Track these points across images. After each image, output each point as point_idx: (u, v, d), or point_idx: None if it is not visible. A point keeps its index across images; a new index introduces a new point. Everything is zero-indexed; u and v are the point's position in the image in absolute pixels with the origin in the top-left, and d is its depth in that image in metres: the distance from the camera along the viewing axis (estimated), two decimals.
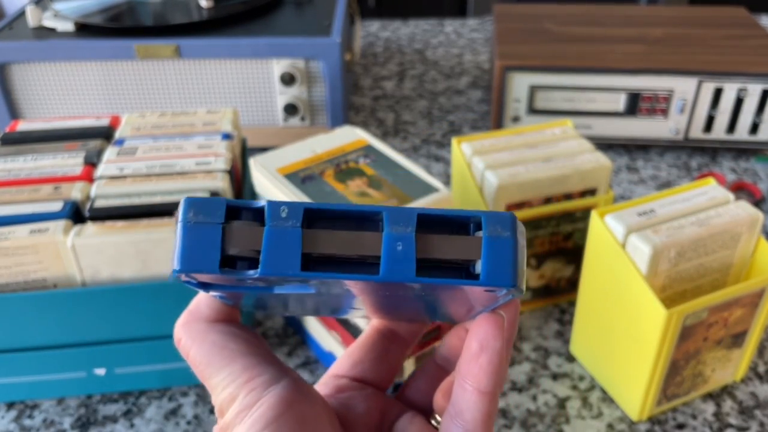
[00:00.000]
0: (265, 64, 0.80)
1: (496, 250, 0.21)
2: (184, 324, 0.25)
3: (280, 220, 0.20)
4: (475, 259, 0.21)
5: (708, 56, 0.82)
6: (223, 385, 0.24)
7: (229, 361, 0.24)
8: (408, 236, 0.20)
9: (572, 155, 0.59)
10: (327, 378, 0.30)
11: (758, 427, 0.52)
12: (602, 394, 0.55)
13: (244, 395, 0.23)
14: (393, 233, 0.20)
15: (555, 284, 0.63)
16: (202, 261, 0.20)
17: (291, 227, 0.20)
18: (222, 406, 0.24)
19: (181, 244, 0.20)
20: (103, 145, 0.59)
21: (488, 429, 0.24)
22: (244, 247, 0.20)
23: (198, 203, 0.20)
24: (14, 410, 0.55)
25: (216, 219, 0.20)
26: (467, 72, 1.10)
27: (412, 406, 0.30)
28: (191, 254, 0.20)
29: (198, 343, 0.25)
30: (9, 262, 0.48)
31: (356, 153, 0.56)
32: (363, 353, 0.30)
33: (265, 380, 0.23)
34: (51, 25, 0.82)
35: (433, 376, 0.30)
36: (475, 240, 0.21)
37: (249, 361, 0.24)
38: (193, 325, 0.25)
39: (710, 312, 0.48)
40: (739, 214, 0.50)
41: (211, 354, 0.24)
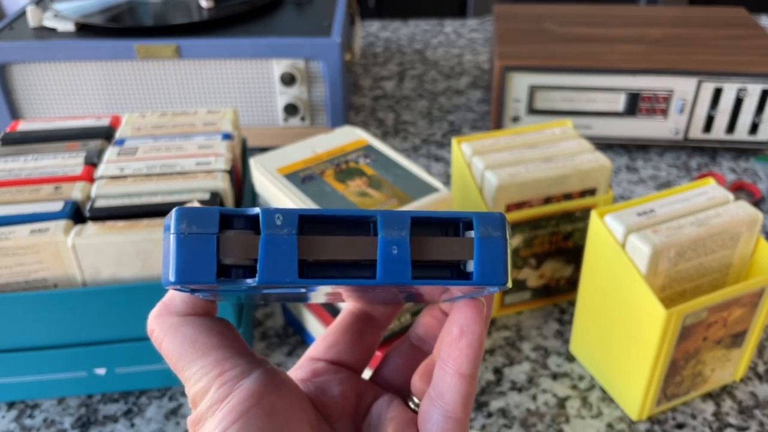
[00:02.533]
0: (266, 64, 0.81)
1: (488, 249, 0.21)
2: (157, 316, 0.25)
3: (275, 227, 0.20)
4: (467, 259, 0.21)
5: (708, 56, 0.82)
6: (196, 378, 0.24)
7: (201, 355, 0.24)
8: (402, 240, 0.21)
9: (572, 155, 0.59)
10: (303, 361, 0.30)
11: (758, 426, 0.52)
12: (602, 393, 0.55)
13: (216, 389, 0.24)
14: (388, 237, 0.21)
15: (555, 284, 0.64)
16: (198, 272, 0.19)
17: (287, 234, 0.20)
18: (195, 398, 0.24)
19: (176, 256, 0.19)
20: (103, 145, 0.59)
21: (467, 410, 0.25)
22: (239, 256, 0.20)
23: (191, 214, 0.20)
24: (15, 410, 0.55)
25: (210, 229, 0.20)
26: (467, 72, 1.10)
27: (388, 387, 0.30)
28: (187, 266, 0.19)
29: (170, 335, 0.25)
30: (9, 262, 0.49)
31: (356, 153, 0.56)
32: (338, 335, 0.30)
33: (236, 374, 0.24)
34: (51, 25, 0.82)
35: (408, 355, 0.30)
36: (467, 241, 0.21)
37: (221, 355, 0.24)
38: (166, 318, 0.25)
39: (710, 312, 0.48)
40: (738, 214, 0.50)
41: (183, 347, 0.24)
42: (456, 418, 0.25)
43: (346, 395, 0.28)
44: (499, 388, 0.56)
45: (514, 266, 0.61)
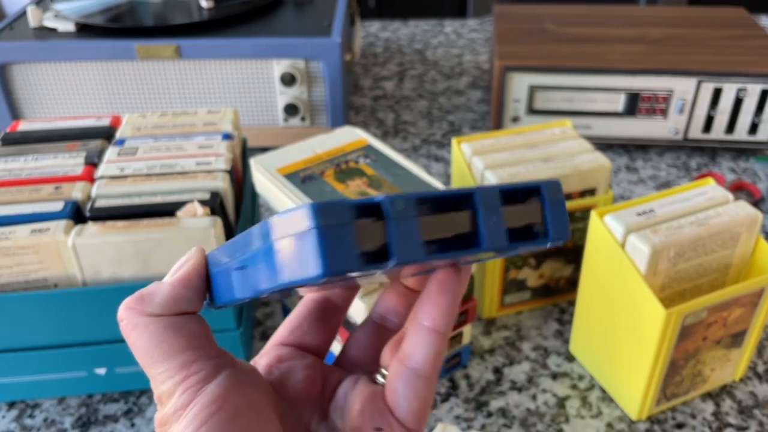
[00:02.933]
0: (266, 64, 0.81)
1: (557, 211, 0.25)
2: (129, 308, 0.25)
3: (399, 212, 0.21)
4: (540, 221, 0.25)
5: (707, 56, 0.82)
6: (161, 380, 0.24)
7: (167, 357, 0.24)
8: (498, 211, 0.23)
9: (572, 155, 0.59)
10: (268, 347, 0.30)
11: (757, 426, 0.52)
12: (602, 393, 0.55)
13: (180, 394, 0.24)
14: (485, 210, 0.23)
15: (554, 284, 0.64)
16: (343, 262, 0.20)
17: (411, 217, 0.22)
18: (161, 397, 0.25)
19: (321, 249, 0.20)
20: (103, 145, 0.59)
21: (436, 370, 0.26)
22: (374, 243, 0.21)
23: (327, 208, 0.20)
24: (15, 410, 0.55)
25: (346, 220, 0.21)
26: (467, 72, 1.10)
27: (354, 366, 0.31)
28: (333, 257, 0.20)
29: (138, 331, 0.25)
30: (10, 262, 0.49)
31: (356, 153, 0.56)
32: (301, 319, 0.31)
33: (200, 378, 0.24)
34: (52, 25, 0.82)
35: (371, 333, 0.31)
36: (537, 206, 0.25)
37: (187, 358, 0.25)
38: (138, 313, 0.25)
39: (709, 312, 0.48)
40: (738, 214, 0.50)
41: (150, 346, 0.25)
42: (426, 377, 0.26)
43: (311, 380, 0.29)
44: (498, 388, 0.56)
45: (514, 266, 0.61)
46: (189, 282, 0.26)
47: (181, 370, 0.24)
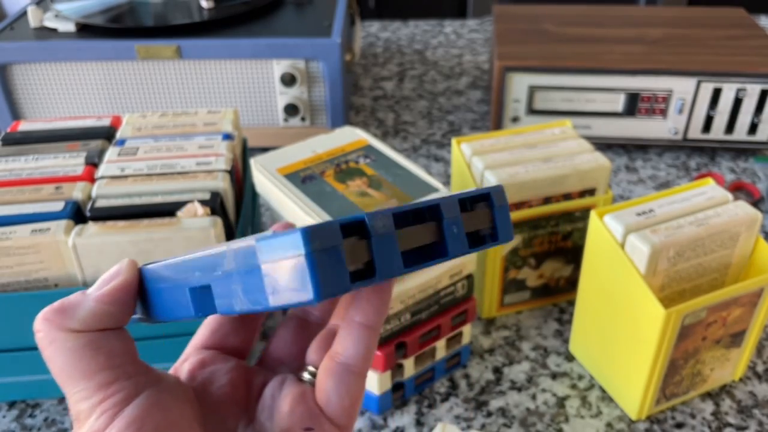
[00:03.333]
0: (266, 64, 0.81)
1: (504, 215, 0.26)
2: (47, 321, 0.24)
3: (379, 229, 0.22)
4: (489, 226, 0.26)
5: (707, 56, 0.82)
6: (76, 399, 0.24)
7: (84, 376, 0.23)
8: (459, 220, 0.24)
9: (571, 155, 0.59)
10: (190, 350, 0.30)
11: (757, 426, 0.53)
12: (601, 393, 0.56)
13: (97, 417, 0.23)
14: (448, 220, 0.24)
15: (554, 284, 0.64)
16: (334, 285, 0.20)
17: (389, 234, 0.22)
18: (78, 416, 0.24)
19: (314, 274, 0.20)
20: (104, 146, 0.60)
21: (367, 365, 0.27)
22: (359, 261, 0.21)
23: (320, 231, 0.20)
24: (15, 409, 0.55)
25: (337, 242, 0.20)
26: (467, 72, 1.10)
27: (278, 365, 0.30)
28: (326, 281, 0.20)
29: (55, 347, 0.24)
30: (10, 262, 0.49)
31: (356, 153, 0.56)
32: (222, 320, 0.30)
33: (119, 400, 0.23)
34: (52, 25, 0.82)
35: (295, 329, 0.31)
36: (487, 211, 0.26)
37: (105, 378, 0.24)
38: (56, 330, 0.24)
39: (709, 311, 0.48)
40: (737, 213, 0.50)
41: (66, 364, 0.23)
42: (358, 373, 0.26)
43: (235, 383, 0.28)
44: (498, 388, 0.56)
45: (514, 266, 0.61)
46: (116, 298, 0.25)
47: (99, 391, 0.23)
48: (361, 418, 0.53)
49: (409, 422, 0.53)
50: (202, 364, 0.29)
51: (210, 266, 0.23)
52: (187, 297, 0.24)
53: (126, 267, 0.26)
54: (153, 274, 0.26)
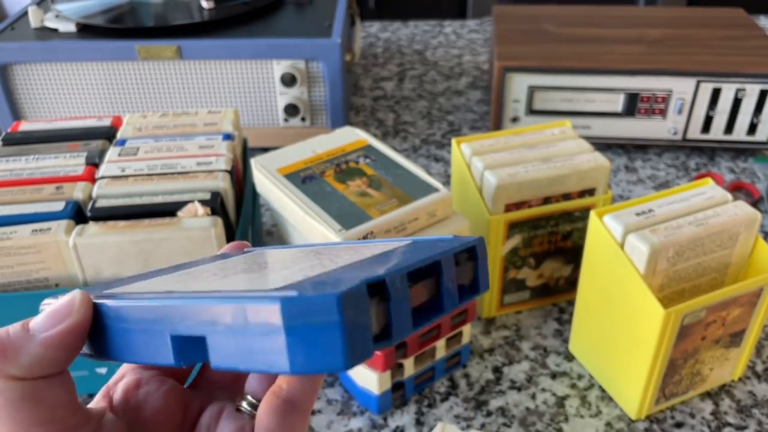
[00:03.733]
0: (266, 64, 0.81)
1: (485, 268, 0.25)
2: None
3: (397, 291, 0.20)
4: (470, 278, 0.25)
5: (706, 57, 0.83)
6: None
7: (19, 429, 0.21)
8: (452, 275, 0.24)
9: (571, 155, 0.59)
10: (125, 369, 0.28)
11: (756, 425, 0.53)
12: (601, 392, 0.56)
13: None
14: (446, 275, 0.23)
15: (554, 284, 0.64)
16: (361, 351, 0.19)
17: (405, 295, 0.21)
18: None
19: (344, 342, 0.18)
20: (104, 146, 0.60)
21: (313, 399, 0.25)
22: (380, 325, 0.20)
23: (351, 297, 0.18)
24: None
25: (366, 308, 0.19)
26: (467, 72, 1.10)
27: (213, 389, 0.28)
28: (353, 349, 0.18)
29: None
30: (11, 262, 0.49)
31: (356, 153, 0.56)
32: None
33: None
34: (53, 25, 0.82)
35: None
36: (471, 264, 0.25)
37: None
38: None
39: (708, 311, 0.49)
40: (737, 213, 0.50)
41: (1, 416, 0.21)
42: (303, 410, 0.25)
43: (171, 409, 0.26)
44: (498, 387, 0.56)
45: (514, 266, 0.61)
46: (65, 343, 0.22)
47: None
48: (361, 418, 0.54)
49: (409, 422, 0.53)
50: (137, 384, 0.26)
51: (207, 316, 0.20)
52: (166, 344, 0.21)
53: (79, 305, 0.22)
54: (116, 313, 0.22)
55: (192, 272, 0.26)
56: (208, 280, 0.24)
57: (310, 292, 0.18)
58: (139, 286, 0.24)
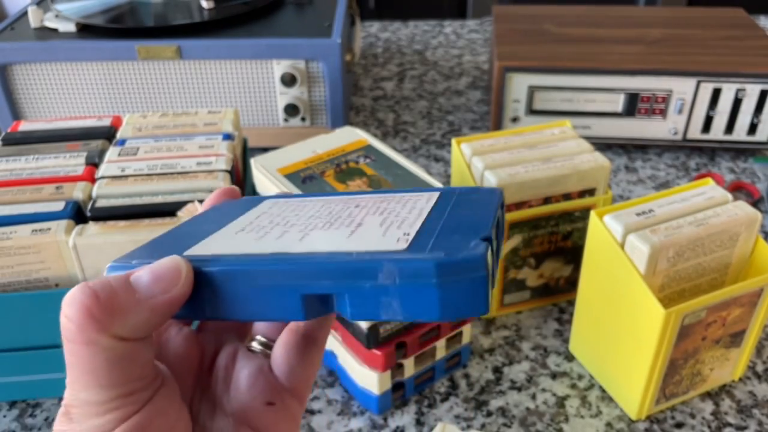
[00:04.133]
0: (266, 64, 0.81)
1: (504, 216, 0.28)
2: (92, 318, 0.20)
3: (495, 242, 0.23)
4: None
5: (706, 57, 0.83)
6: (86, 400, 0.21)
7: (111, 384, 0.21)
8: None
9: (571, 155, 0.59)
10: None
11: (756, 426, 0.53)
12: (601, 392, 0.56)
13: (103, 420, 0.21)
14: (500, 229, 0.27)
15: (554, 284, 0.64)
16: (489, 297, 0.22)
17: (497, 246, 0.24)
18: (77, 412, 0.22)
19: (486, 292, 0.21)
20: (104, 146, 0.60)
21: (327, 331, 0.27)
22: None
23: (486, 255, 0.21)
24: (16, 409, 0.55)
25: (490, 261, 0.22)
26: (467, 73, 1.10)
27: (220, 331, 0.29)
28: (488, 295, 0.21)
29: (91, 349, 0.21)
30: (11, 262, 0.49)
31: (356, 153, 0.56)
32: None
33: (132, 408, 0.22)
34: (53, 25, 0.82)
35: None
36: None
37: (129, 389, 0.22)
38: (99, 332, 0.20)
39: (708, 311, 0.49)
40: (737, 214, 0.50)
41: (98, 370, 0.21)
42: (319, 344, 0.26)
43: (190, 353, 0.27)
44: (498, 387, 0.56)
45: (514, 266, 0.61)
46: (171, 310, 0.22)
47: (118, 399, 0.21)
48: (362, 418, 0.54)
49: (409, 422, 0.53)
50: (158, 333, 0.27)
51: (346, 275, 0.21)
52: (295, 301, 0.22)
53: (185, 276, 0.22)
54: (229, 278, 0.23)
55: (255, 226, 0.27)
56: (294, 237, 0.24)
57: (455, 254, 0.21)
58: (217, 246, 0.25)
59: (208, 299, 0.23)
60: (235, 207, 0.30)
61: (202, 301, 0.23)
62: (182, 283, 0.22)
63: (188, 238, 0.26)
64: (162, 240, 0.27)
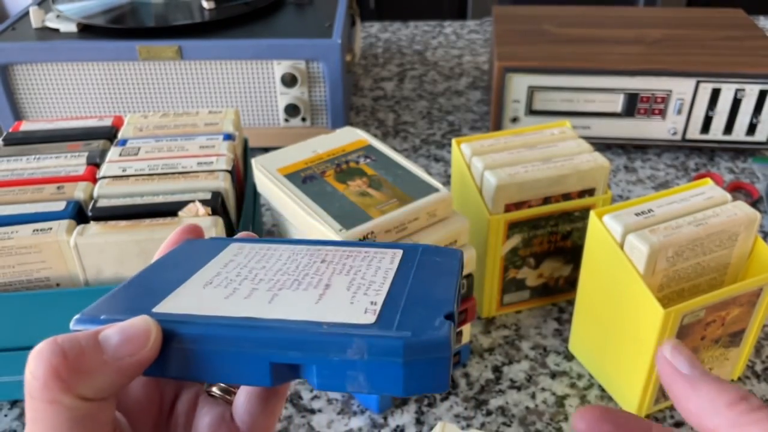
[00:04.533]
0: (267, 65, 0.81)
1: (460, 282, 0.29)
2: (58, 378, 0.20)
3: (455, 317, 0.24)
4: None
5: (706, 57, 0.83)
6: None
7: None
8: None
9: (571, 155, 0.59)
10: None
11: None
12: (601, 392, 0.56)
13: None
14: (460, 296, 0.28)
15: (554, 283, 0.64)
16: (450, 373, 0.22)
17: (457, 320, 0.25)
18: None
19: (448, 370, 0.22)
20: (105, 146, 0.60)
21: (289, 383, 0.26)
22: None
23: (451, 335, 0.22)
24: (17, 408, 0.55)
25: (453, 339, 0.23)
26: (467, 73, 1.10)
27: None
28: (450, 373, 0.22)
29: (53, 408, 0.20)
30: (12, 261, 0.49)
31: (357, 153, 0.57)
32: None
33: None
34: (54, 25, 0.82)
35: None
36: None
37: None
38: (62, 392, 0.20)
39: (708, 311, 0.49)
40: (736, 214, 0.50)
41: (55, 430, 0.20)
42: (281, 393, 0.27)
43: (149, 399, 0.26)
44: (498, 387, 0.56)
45: (514, 266, 0.61)
46: (137, 372, 0.22)
47: None
48: (362, 417, 0.54)
49: (409, 421, 0.53)
50: None
51: (316, 348, 0.22)
52: (263, 368, 0.22)
53: (154, 339, 0.22)
54: (198, 340, 0.22)
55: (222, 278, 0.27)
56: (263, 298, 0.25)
57: (421, 334, 0.22)
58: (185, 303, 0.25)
59: (176, 360, 0.23)
60: (201, 250, 0.30)
61: (168, 362, 0.23)
62: (150, 346, 0.22)
63: (155, 288, 0.26)
64: (128, 290, 0.26)
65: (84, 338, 0.21)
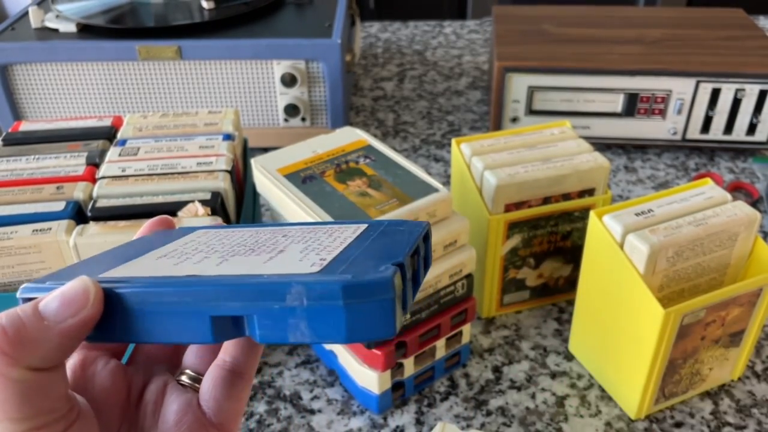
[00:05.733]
0: (266, 65, 0.81)
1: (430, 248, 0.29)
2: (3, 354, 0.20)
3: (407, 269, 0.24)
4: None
5: (706, 57, 0.83)
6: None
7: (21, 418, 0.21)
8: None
9: (570, 155, 0.59)
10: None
11: (756, 425, 0.53)
12: (600, 392, 0.56)
13: None
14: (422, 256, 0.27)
15: (553, 283, 0.64)
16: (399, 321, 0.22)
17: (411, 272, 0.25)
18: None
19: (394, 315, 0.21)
20: (105, 146, 0.60)
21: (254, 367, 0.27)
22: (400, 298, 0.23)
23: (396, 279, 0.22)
24: None
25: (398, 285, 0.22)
26: (466, 73, 1.10)
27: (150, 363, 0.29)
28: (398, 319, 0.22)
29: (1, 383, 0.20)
30: (12, 262, 0.49)
31: (356, 153, 0.57)
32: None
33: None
34: (53, 26, 0.82)
35: None
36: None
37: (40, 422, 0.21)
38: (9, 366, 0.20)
39: (708, 311, 0.49)
40: (736, 214, 0.50)
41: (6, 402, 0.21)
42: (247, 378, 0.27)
43: (116, 387, 0.26)
44: (498, 387, 0.56)
45: (514, 266, 0.61)
46: (81, 333, 0.22)
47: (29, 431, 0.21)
48: (362, 417, 0.54)
49: (409, 421, 0.53)
50: (83, 365, 0.26)
51: (255, 296, 0.21)
52: (204, 323, 0.22)
53: (94, 297, 0.22)
54: (139, 299, 0.22)
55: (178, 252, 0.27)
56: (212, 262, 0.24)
57: (362, 277, 0.21)
58: (133, 270, 0.25)
59: (119, 321, 0.23)
60: (166, 236, 0.30)
61: (113, 324, 0.23)
62: (90, 305, 0.22)
63: (108, 263, 0.26)
64: (81, 264, 0.26)
65: (23, 311, 0.21)
